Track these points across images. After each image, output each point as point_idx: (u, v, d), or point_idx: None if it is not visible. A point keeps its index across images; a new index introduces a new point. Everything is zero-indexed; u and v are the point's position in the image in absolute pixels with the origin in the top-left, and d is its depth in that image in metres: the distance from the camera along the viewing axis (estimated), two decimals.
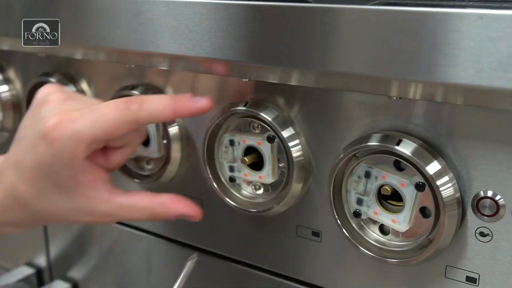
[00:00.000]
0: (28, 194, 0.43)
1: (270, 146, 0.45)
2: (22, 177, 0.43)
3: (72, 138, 0.40)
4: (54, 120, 0.40)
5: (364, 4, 0.35)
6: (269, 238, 0.49)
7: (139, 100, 0.41)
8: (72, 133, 0.40)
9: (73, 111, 0.41)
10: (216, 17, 0.40)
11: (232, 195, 0.48)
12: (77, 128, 0.40)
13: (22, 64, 0.63)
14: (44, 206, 0.43)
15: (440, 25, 0.31)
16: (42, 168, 0.41)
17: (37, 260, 0.71)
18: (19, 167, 0.43)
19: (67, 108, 0.42)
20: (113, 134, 0.41)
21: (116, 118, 0.41)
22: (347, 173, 0.41)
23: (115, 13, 0.45)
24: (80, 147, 0.40)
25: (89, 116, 0.40)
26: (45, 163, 0.41)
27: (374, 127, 0.41)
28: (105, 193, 0.43)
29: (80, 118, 0.40)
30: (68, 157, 0.41)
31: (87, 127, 0.40)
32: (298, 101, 0.44)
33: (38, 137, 0.41)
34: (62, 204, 0.43)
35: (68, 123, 0.40)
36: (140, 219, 0.45)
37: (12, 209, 0.44)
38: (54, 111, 0.41)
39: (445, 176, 0.37)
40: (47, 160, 0.41)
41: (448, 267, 0.40)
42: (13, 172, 0.43)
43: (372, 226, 0.42)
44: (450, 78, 0.31)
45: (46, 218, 0.45)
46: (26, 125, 0.44)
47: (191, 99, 0.42)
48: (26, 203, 0.43)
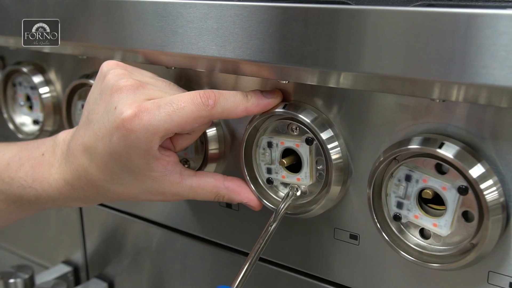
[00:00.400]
0: (100, 177, 0.44)
1: (308, 148, 0.45)
2: (93, 162, 0.44)
3: (148, 131, 0.41)
4: (129, 111, 0.41)
5: (406, 5, 0.35)
6: (306, 240, 0.49)
7: (214, 96, 0.42)
8: (148, 125, 0.41)
9: (148, 101, 0.42)
10: (257, 19, 0.40)
11: (270, 197, 0.48)
12: (153, 120, 0.41)
13: (63, 66, 0.64)
14: (116, 188, 0.45)
15: (488, 26, 0.30)
16: (116, 156, 0.42)
17: (74, 259, 0.73)
18: (90, 152, 0.44)
19: (140, 97, 0.42)
20: (186, 127, 0.42)
21: (192, 113, 0.41)
22: (387, 176, 0.41)
23: (156, 15, 0.46)
24: (155, 138, 0.41)
25: (165, 109, 0.41)
26: (118, 153, 0.42)
27: (415, 130, 0.40)
28: (176, 175, 0.44)
29: (156, 110, 0.41)
30: (143, 148, 0.42)
31: (163, 120, 0.41)
32: (337, 103, 0.44)
33: (112, 127, 0.41)
34: (133, 186, 0.44)
35: (144, 115, 0.41)
36: (206, 200, 0.47)
37: (82, 188, 0.46)
38: (128, 100, 0.42)
39: (489, 180, 0.37)
40: (121, 149, 0.42)
41: (491, 273, 0.39)
42: (84, 155, 0.45)
43: (412, 230, 0.42)
44: (498, 80, 0.31)
45: (114, 197, 0.47)
46: (97, 109, 0.44)
47: (262, 96, 0.43)
48: (98, 185, 0.45)
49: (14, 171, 0.49)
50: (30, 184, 0.48)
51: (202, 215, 0.57)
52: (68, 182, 0.47)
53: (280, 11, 0.39)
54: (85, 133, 0.44)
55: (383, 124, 0.42)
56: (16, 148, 0.51)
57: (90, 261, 0.71)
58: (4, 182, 0.49)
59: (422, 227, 0.41)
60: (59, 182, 0.47)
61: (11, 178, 0.49)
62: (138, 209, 0.63)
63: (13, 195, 0.49)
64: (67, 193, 0.47)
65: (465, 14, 0.31)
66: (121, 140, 0.41)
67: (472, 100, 0.36)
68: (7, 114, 0.69)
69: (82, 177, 0.45)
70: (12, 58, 0.69)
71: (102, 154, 0.43)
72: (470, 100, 0.36)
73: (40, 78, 0.65)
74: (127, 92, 0.42)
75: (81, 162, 0.45)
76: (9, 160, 0.50)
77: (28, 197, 0.49)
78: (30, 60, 0.66)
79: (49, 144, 0.49)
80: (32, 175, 0.48)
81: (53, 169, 0.48)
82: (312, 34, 0.38)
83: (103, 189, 0.45)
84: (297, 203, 0.47)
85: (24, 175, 0.48)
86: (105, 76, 0.44)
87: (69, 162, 0.46)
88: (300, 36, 0.38)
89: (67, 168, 0.46)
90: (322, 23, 0.37)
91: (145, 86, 0.43)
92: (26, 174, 0.48)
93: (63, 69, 0.64)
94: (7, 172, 0.49)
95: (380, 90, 0.40)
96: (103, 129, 0.42)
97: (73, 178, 0.46)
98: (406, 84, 0.37)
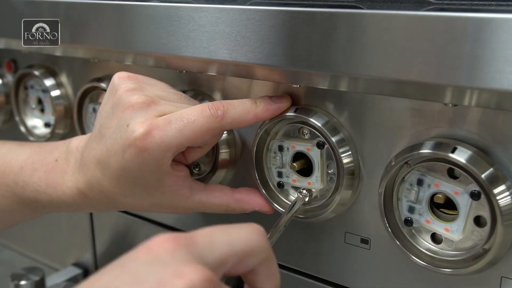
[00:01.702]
0: (113, 190, 0.45)
1: (319, 152, 0.45)
2: (106, 176, 0.44)
3: (160, 148, 0.41)
4: (141, 130, 0.41)
5: (418, 10, 0.35)
6: (317, 244, 0.49)
7: (223, 107, 0.42)
8: (160, 142, 0.41)
9: (159, 117, 0.42)
10: (268, 23, 0.40)
11: (280, 201, 0.48)
12: (165, 137, 0.41)
13: (74, 69, 0.65)
14: (128, 200, 0.45)
15: (503, 31, 0.30)
16: (128, 172, 0.43)
17: (84, 261, 0.73)
18: (103, 166, 0.44)
19: (152, 114, 0.42)
20: (198, 141, 0.42)
21: (202, 126, 0.41)
22: (398, 181, 0.41)
23: (168, 19, 0.46)
24: (167, 155, 0.42)
25: (176, 125, 0.41)
26: (130, 168, 0.43)
27: (426, 134, 0.40)
28: (186, 190, 0.45)
29: (167, 127, 0.41)
30: (155, 165, 0.42)
31: (174, 136, 0.41)
32: (348, 106, 0.44)
33: (124, 145, 0.42)
34: (144, 200, 0.45)
35: (156, 132, 0.41)
36: (217, 213, 0.47)
37: (95, 197, 0.47)
38: (140, 118, 0.42)
39: (502, 185, 0.36)
40: (133, 166, 0.42)
41: (504, 278, 0.39)
42: (97, 168, 0.45)
43: (423, 234, 0.41)
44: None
45: (126, 208, 0.48)
46: (109, 124, 0.44)
47: (271, 101, 0.44)
48: (110, 197, 0.46)
49: (28, 175, 0.49)
50: (44, 190, 0.49)
51: (211, 218, 0.57)
52: (81, 191, 0.47)
53: (292, 15, 0.39)
54: (98, 147, 0.45)
55: (395, 128, 0.42)
56: (30, 150, 0.51)
57: (100, 264, 0.71)
58: (18, 185, 0.50)
59: (434, 232, 0.41)
60: (72, 190, 0.48)
61: (25, 182, 0.49)
62: (148, 212, 0.63)
63: (27, 199, 0.50)
64: (80, 201, 0.48)
65: (478, 19, 0.31)
66: (133, 158, 0.42)
67: (485, 104, 0.35)
68: (18, 117, 0.69)
69: (95, 188, 0.46)
70: (24, 61, 0.70)
71: (114, 169, 0.44)
72: (483, 104, 0.36)
73: (51, 81, 0.65)
74: (139, 110, 0.43)
75: (94, 174, 0.45)
76: (22, 164, 0.50)
77: (42, 201, 0.49)
78: (42, 63, 0.67)
79: (62, 150, 0.50)
80: (46, 181, 0.49)
81: (67, 177, 0.48)
82: (323, 38, 0.38)
83: (115, 201, 0.46)
84: (308, 207, 0.47)
85: (38, 180, 0.49)
86: (116, 90, 0.45)
87: (83, 173, 0.47)
88: (312, 40, 0.38)
89: (81, 178, 0.47)
90: (333, 27, 0.37)
91: (157, 101, 0.43)
92: (40, 180, 0.49)
93: (75, 72, 0.65)
94: (21, 176, 0.50)
95: (392, 94, 0.40)
96: (116, 145, 0.43)
97: (86, 188, 0.46)
98: (418, 89, 0.37)
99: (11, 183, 0.50)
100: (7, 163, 0.51)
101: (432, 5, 0.40)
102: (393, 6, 0.41)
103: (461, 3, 0.40)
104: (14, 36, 0.60)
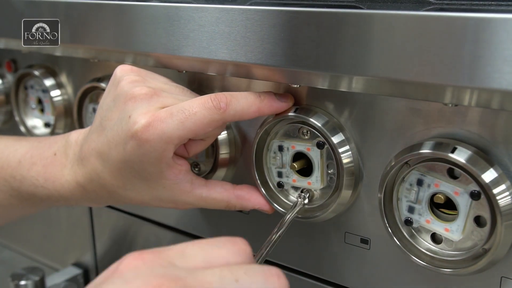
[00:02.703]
0: (113, 183, 0.45)
1: (319, 152, 0.45)
2: (107, 168, 0.44)
3: (162, 140, 0.41)
4: (143, 121, 0.41)
5: (417, 9, 0.35)
6: (317, 244, 0.49)
7: (226, 99, 0.42)
8: (161, 134, 0.41)
9: (161, 109, 0.42)
10: (268, 23, 0.40)
11: (280, 201, 0.48)
12: (167, 129, 0.41)
13: (74, 69, 0.65)
14: (128, 194, 0.45)
15: (503, 31, 0.30)
16: (129, 164, 0.43)
17: (84, 261, 0.73)
18: (103, 159, 0.44)
19: (154, 106, 0.42)
20: (200, 133, 0.42)
21: (204, 118, 0.41)
22: (398, 181, 0.41)
23: (167, 19, 0.46)
24: (169, 147, 0.42)
25: (178, 117, 0.41)
26: (132, 160, 0.42)
27: (426, 134, 0.40)
28: (187, 184, 0.45)
29: (169, 119, 0.41)
30: (157, 157, 0.42)
31: (176, 128, 0.41)
32: (348, 107, 0.44)
33: (126, 136, 0.42)
34: (145, 193, 0.45)
35: (158, 124, 0.41)
36: (218, 209, 0.47)
37: (94, 190, 0.47)
38: (142, 110, 0.42)
39: (502, 185, 0.36)
40: (135, 158, 0.42)
41: (504, 279, 0.39)
42: (97, 160, 0.45)
43: (423, 234, 0.41)
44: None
45: (126, 201, 0.47)
46: (110, 116, 0.44)
47: (275, 98, 0.43)
48: (110, 190, 0.45)
49: (26, 169, 0.49)
50: (42, 184, 0.48)
51: (212, 219, 0.57)
52: (81, 184, 0.47)
53: (292, 15, 0.39)
54: (98, 139, 0.45)
55: (395, 128, 0.42)
56: (28, 145, 0.51)
57: (100, 264, 0.71)
58: (16, 180, 0.50)
59: (434, 232, 0.41)
60: (71, 184, 0.47)
61: (23, 176, 0.49)
62: (148, 212, 0.63)
63: (25, 193, 0.50)
64: (79, 194, 0.47)
65: (478, 19, 0.31)
66: (135, 149, 0.42)
67: (485, 104, 0.35)
68: (18, 117, 0.70)
69: (95, 181, 0.46)
70: (24, 61, 0.70)
71: (115, 161, 0.43)
72: (483, 104, 0.36)
73: (51, 81, 0.65)
74: (141, 101, 0.42)
75: (94, 166, 0.45)
76: (20, 158, 0.50)
77: (40, 195, 0.49)
78: (42, 63, 0.67)
79: (61, 143, 0.50)
80: (44, 175, 0.48)
81: (66, 170, 0.48)
82: (323, 38, 0.38)
83: (115, 194, 0.46)
84: (308, 207, 0.47)
85: (36, 174, 0.49)
86: (119, 82, 0.45)
87: (82, 165, 0.46)
88: (312, 40, 0.38)
89: (80, 171, 0.47)
90: (333, 27, 0.37)
91: (159, 93, 0.43)
92: (38, 174, 0.49)
93: (75, 72, 0.65)
94: (19, 170, 0.50)
95: (392, 94, 0.40)
96: (117, 137, 0.43)
97: (86, 181, 0.46)
98: (418, 89, 0.37)
99: (8, 177, 0.50)
100: (5, 158, 0.51)
101: (432, 5, 0.40)
102: (393, 6, 0.41)
103: (461, 3, 0.40)
104: (14, 36, 0.60)
